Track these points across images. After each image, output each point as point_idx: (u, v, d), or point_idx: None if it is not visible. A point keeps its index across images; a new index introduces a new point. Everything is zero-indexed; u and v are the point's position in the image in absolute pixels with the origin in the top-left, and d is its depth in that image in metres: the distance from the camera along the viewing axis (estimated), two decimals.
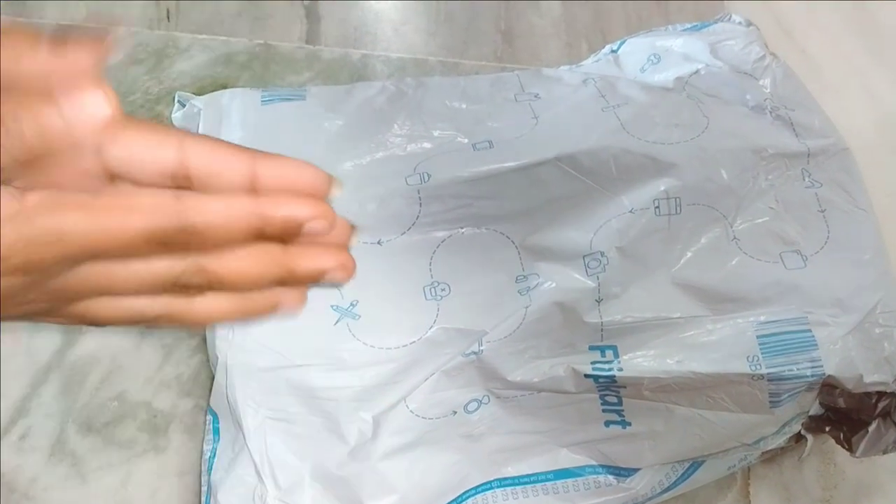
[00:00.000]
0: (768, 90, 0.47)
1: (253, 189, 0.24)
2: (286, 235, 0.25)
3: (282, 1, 0.62)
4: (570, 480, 0.43)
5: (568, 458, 0.43)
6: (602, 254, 0.42)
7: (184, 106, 0.46)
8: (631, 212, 0.42)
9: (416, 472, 0.41)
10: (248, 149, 0.24)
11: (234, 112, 0.46)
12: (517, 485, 0.42)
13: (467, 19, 0.64)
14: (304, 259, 0.27)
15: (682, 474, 0.44)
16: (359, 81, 0.59)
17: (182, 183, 0.23)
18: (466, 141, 0.45)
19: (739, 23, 0.51)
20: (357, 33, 0.62)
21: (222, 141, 0.24)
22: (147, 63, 0.57)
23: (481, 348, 0.41)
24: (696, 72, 0.48)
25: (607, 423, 0.42)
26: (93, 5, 0.57)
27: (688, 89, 0.47)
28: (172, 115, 0.47)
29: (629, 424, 0.42)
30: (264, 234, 0.24)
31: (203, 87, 0.56)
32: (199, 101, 0.46)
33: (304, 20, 0.61)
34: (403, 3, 0.64)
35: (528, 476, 0.43)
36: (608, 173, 0.43)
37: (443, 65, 0.62)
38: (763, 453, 0.45)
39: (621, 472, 0.43)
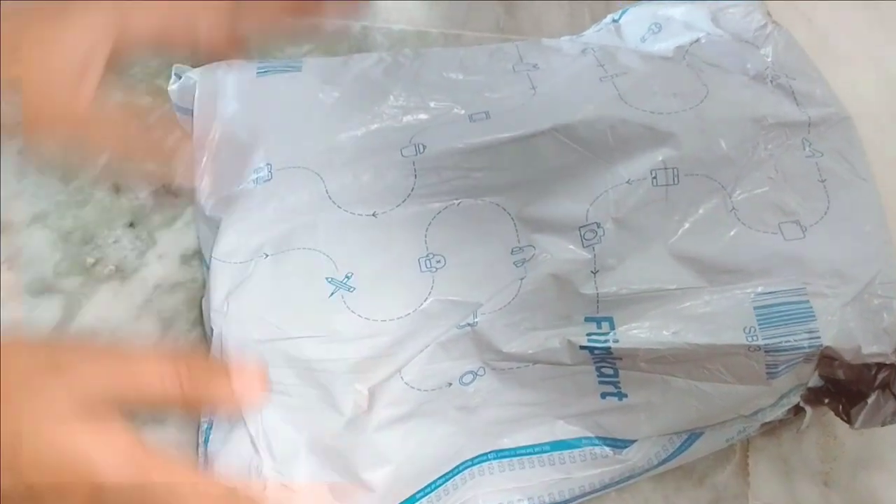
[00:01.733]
0: (769, 59, 0.46)
1: None
2: None
3: None
4: (566, 452, 0.43)
5: (564, 430, 0.43)
6: (598, 225, 0.41)
7: (180, 78, 0.46)
8: (628, 182, 0.42)
9: (412, 444, 0.41)
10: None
11: (230, 85, 0.46)
12: (513, 456, 0.42)
13: None
14: None
15: (680, 446, 0.44)
16: (358, 52, 0.59)
17: None
18: (463, 112, 0.44)
19: None
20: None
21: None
22: None
23: (476, 320, 0.41)
24: (697, 41, 0.47)
25: (603, 395, 0.42)
26: None
27: (688, 58, 0.46)
28: (169, 88, 0.47)
29: (625, 396, 0.42)
30: None
31: (203, 61, 0.56)
32: (194, 74, 0.46)
33: None
34: None
35: (524, 448, 0.43)
36: (605, 143, 0.42)
37: (444, 36, 0.61)
38: (762, 425, 0.44)
39: (618, 444, 0.43)
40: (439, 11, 0.63)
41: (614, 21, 0.53)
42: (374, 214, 0.43)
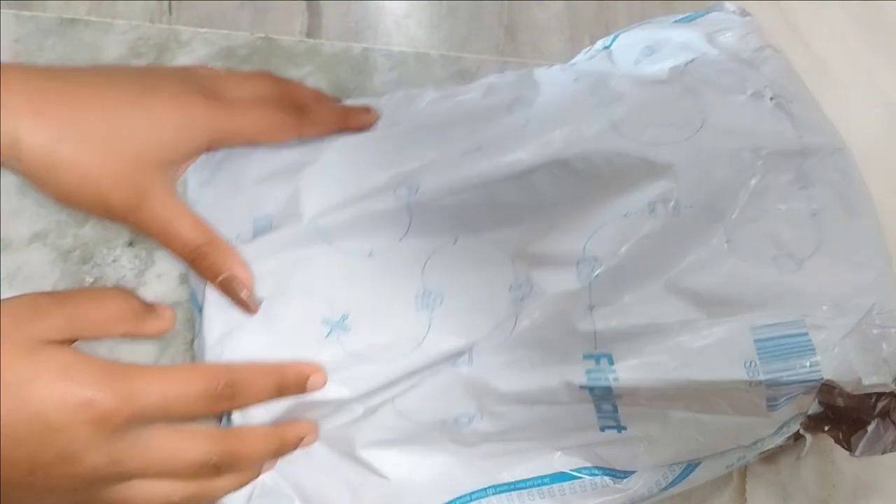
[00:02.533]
0: (768, 78, 0.46)
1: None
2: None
3: None
4: (566, 483, 0.42)
5: (563, 462, 0.43)
6: (596, 259, 0.41)
7: None
8: (625, 216, 0.41)
9: (405, 466, 0.41)
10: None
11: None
12: (513, 490, 0.42)
13: (469, 13, 0.64)
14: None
15: (680, 474, 0.44)
16: (359, 75, 0.59)
17: None
18: (456, 149, 0.44)
19: (734, 11, 0.50)
20: (358, 27, 0.62)
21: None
22: (148, 56, 0.57)
23: (472, 359, 0.41)
24: (693, 60, 0.47)
25: (602, 428, 0.42)
26: (95, 1, 0.57)
27: (684, 79, 0.46)
28: None
29: (625, 429, 0.41)
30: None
31: None
32: None
33: (306, 13, 0.61)
34: None
35: (524, 481, 0.42)
36: (602, 177, 0.42)
37: (444, 58, 0.62)
38: (761, 453, 0.44)
39: (617, 474, 0.43)
40: (440, 34, 0.63)
41: (606, 47, 0.52)
42: (370, 254, 0.42)
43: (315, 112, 0.45)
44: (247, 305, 0.40)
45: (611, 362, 0.40)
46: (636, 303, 0.41)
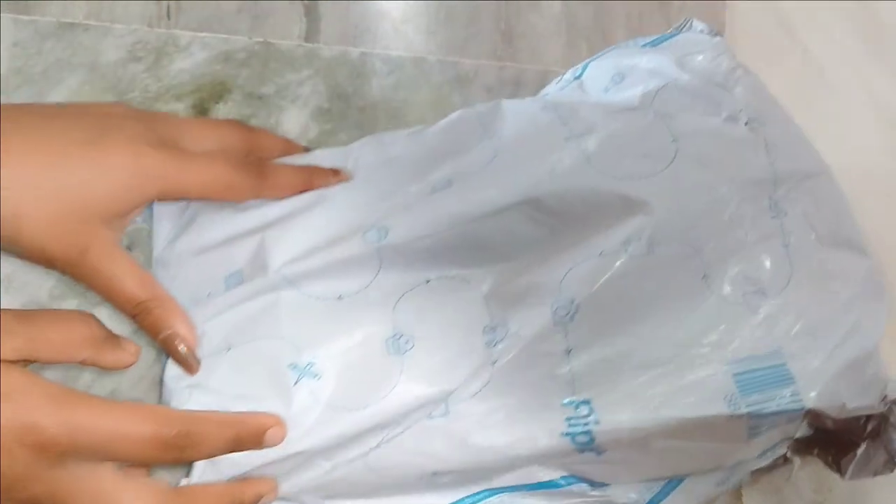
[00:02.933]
0: (741, 101, 0.45)
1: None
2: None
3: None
4: (547, 490, 0.42)
5: (543, 473, 0.42)
6: (571, 301, 0.40)
7: None
8: (601, 255, 0.41)
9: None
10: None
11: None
12: (500, 492, 0.42)
13: (467, 18, 0.64)
14: None
15: (662, 490, 0.43)
16: (357, 79, 0.59)
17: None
18: (426, 186, 0.43)
19: (702, 31, 0.49)
20: (357, 31, 0.62)
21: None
22: (146, 61, 0.57)
23: (448, 409, 0.40)
24: (665, 86, 0.46)
25: (581, 450, 0.41)
26: (94, 4, 0.57)
27: (656, 105, 0.45)
28: None
29: (604, 451, 0.41)
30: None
31: (202, 85, 0.57)
32: None
33: (304, 18, 0.61)
34: (404, 2, 0.64)
35: (506, 487, 0.42)
36: (576, 215, 0.41)
37: (442, 63, 0.62)
38: (751, 473, 0.44)
39: (597, 484, 0.42)
40: (437, 38, 0.63)
41: (576, 77, 0.52)
42: (339, 297, 0.41)
43: (277, 174, 0.44)
44: (188, 364, 0.39)
45: (591, 409, 0.39)
46: (614, 344, 0.40)
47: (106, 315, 0.49)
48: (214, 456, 0.37)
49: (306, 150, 0.49)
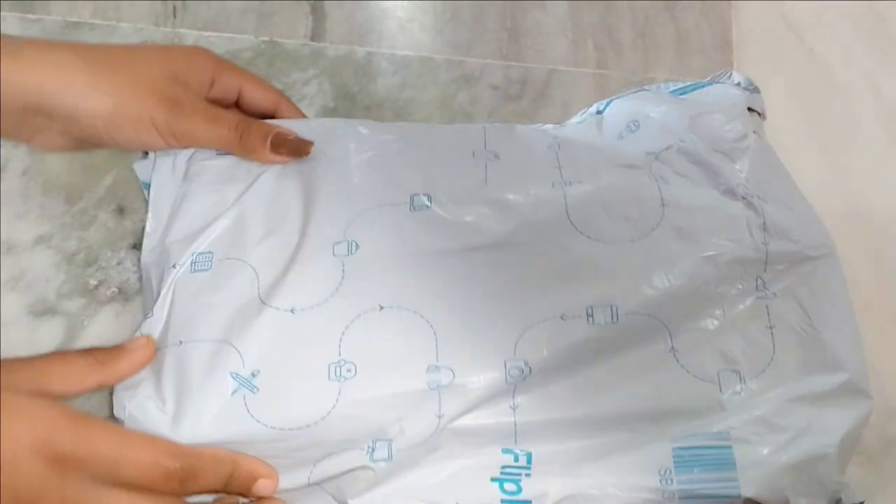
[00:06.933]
0: (744, 174, 0.44)
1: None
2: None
3: None
4: None
5: None
6: (525, 363, 0.39)
7: (147, 155, 0.47)
8: (562, 318, 0.39)
9: None
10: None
11: (178, 167, 0.45)
12: None
13: (473, 17, 0.64)
14: None
15: None
16: (363, 78, 0.59)
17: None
18: (405, 201, 0.42)
19: (738, 83, 0.48)
20: (362, 30, 0.62)
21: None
22: None
23: (391, 454, 0.38)
24: (669, 147, 0.45)
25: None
26: (100, 3, 0.57)
27: (654, 166, 0.44)
28: (134, 164, 0.47)
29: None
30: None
31: None
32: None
33: (310, 17, 0.61)
34: (410, 2, 0.64)
35: None
36: (543, 271, 0.41)
37: (448, 62, 0.62)
38: None
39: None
40: (444, 37, 0.63)
41: (599, 112, 0.51)
42: (292, 311, 0.40)
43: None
44: (300, 150, 0.44)
45: (529, 461, 0.38)
46: (563, 409, 0.39)
47: (108, 315, 0.50)
48: (211, 491, 0.37)
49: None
